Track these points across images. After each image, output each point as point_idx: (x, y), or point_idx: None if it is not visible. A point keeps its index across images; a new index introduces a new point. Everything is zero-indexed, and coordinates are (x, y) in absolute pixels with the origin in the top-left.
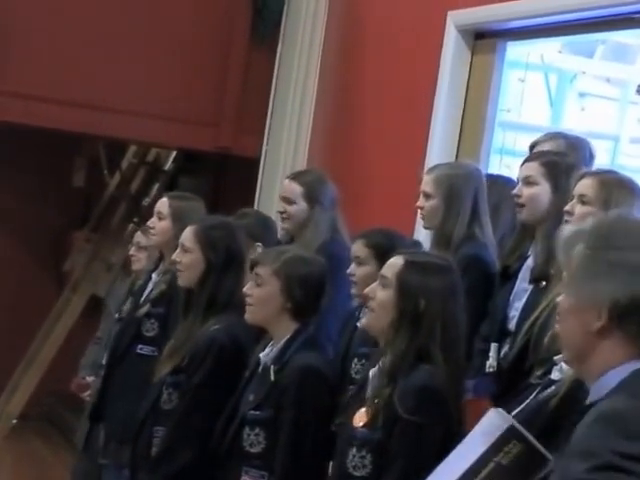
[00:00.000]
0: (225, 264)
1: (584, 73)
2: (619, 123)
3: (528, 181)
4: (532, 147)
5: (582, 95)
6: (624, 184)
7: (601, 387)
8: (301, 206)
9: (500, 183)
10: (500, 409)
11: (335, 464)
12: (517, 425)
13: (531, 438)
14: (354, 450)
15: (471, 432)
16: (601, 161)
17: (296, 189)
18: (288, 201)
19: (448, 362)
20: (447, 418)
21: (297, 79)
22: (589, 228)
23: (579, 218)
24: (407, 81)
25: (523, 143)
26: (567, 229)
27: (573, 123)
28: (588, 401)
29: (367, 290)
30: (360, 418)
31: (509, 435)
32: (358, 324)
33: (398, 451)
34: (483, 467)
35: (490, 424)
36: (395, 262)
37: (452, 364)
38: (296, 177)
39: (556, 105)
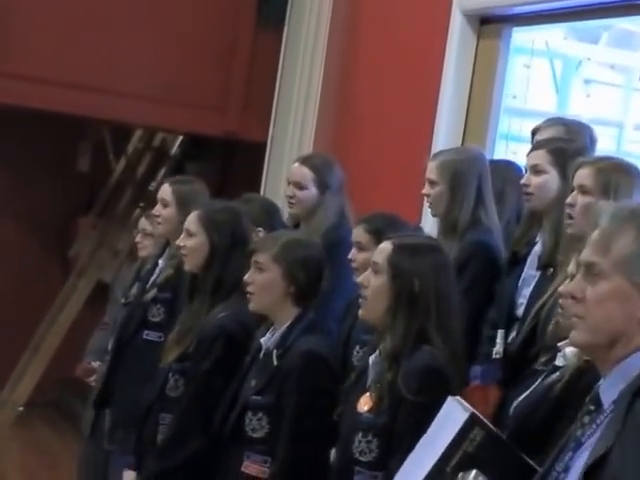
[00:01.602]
0: (230, 247)
1: (589, 59)
2: (624, 110)
3: (536, 170)
4: (533, 133)
5: (587, 82)
6: (621, 169)
7: (628, 367)
8: (312, 191)
9: (502, 167)
10: (458, 397)
11: (339, 451)
12: (477, 413)
13: (491, 426)
14: (360, 435)
15: (433, 422)
16: (606, 148)
17: (307, 174)
18: (299, 186)
19: (446, 341)
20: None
21: (303, 63)
22: (633, 212)
23: (581, 209)
24: (413, 66)
25: (529, 129)
26: (603, 211)
27: (579, 109)
28: (610, 380)
29: (360, 279)
30: (364, 403)
31: (471, 423)
32: (360, 312)
33: (404, 433)
34: (452, 457)
35: (451, 412)
36: (384, 247)
37: (450, 342)
38: (306, 161)
39: (562, 91)
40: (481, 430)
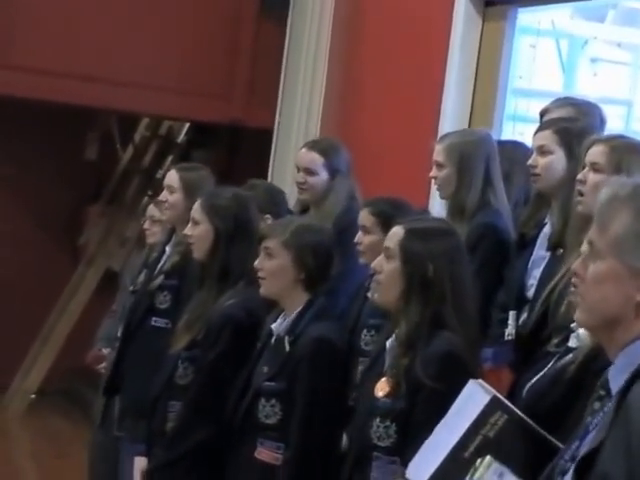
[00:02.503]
0: (234, 233)
1: (595, 38)
2: (632, 88)
3: (542, 150)
4: (542, 114)
5: (594, 60)
6: (635, 148)
7: (636, 352)
8: (322, 176)
9: (509, 148)
10: (480, 380)
11: (355, 437)
12: (499, 396)
13: (515, 409)
14: (377, 420)
15: (453, 405)
16: (614, 127)
17: (316, 159)
18: (309, 172)
19: (462, 325)
20: None
21: (308, 48)
22: (632, 192)
23: (592, 186)
24: (418, 49)
25: (536, 109)
26: (605, 190)
27: (586, 89)
28: (618, 366)
29: (373, 265)
30: (381, 388)
31: (493, 406)
32: (368, 294)
33: (423, 419)
34: (471, 441)
35: (472, 396)
36: (396, 232)
37: (466, 327)
38: (314, 146)
39: (568, 71)
40: (503, 414)
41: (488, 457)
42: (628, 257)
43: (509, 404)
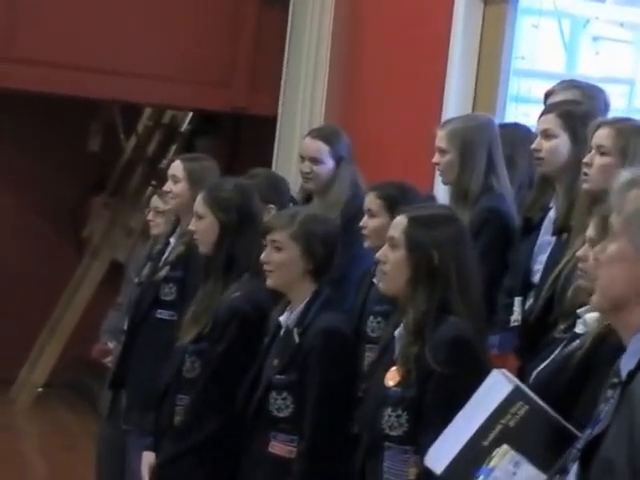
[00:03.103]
0: (238, 224)
1: (597, 18)
2: (634, 66)
3: (546, 134)
4: (547, 96)
5: (596, 39)
6: None
7: None
8: (328, 165)
9: (510, 131)
10: (504, 369)
11: (366, 427)
12: (522, 386)
13: (537, 399)
14: (389, 410)
15: (475, 393)
16: (617, 106)
17: (322, 147)
18: (316, 161)
19: (469, 310)
20: (480, 368)
21: (310, 35)
22: None
23: (598, 169)
24: (421, 33)
25: (539, 90)
26: (623, 175)
27: (588, 68)
28: (628, 352)
29: (378, 255)
30: (391, 377)
31: (514, 396)
32: (374, 280)
33: (435, 406)
34: (491, 430)
35: (494, 385)
36: (400, 221)
37: (473, 312)
38: (319, 134)
39: (570, 50)
40: (525, 404)
41: (505, 446)
42: (635, 238)
43: (532, 394)
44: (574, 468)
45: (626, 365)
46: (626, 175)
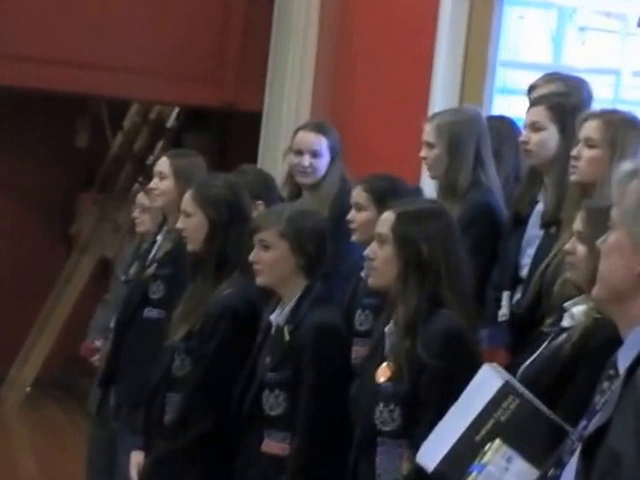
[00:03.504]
0: (229, 222)
1: (583, 8)
2: (620, 56)
3: (535, 127)
4: (530, 90)
5: (582, 29)
6: (629, 123)
7: None
8: (326, 158)
9: (496, 124)
10: (495, 364)
11: (359, 423)
12: (513, 380)
13: (528, 393)
14: (381, 406)
15: (466, 389)
16: (604, 96)
17: (322, 140)
18: (315, 154)
19: (460, 303)
20: (473, 360)
21: (297, 29)
22: None
23: (587, 162)
24: (408, 25)
25: (525, 81)
26: (624, 166)
27: (574, 58)
28: (626, 345)
29: (366, 252)
30: (382, 374)
31: (505, 391)
32: (362, 274)
33: (429, 400)
34: (483, 425)
35: (485, 380)
36: (387, 217)
37: (464, 305)
38: (319, 128)
39: (556, 41)
40: (516, 398)
41: (497, 441)
42: (633, 229)
43: (522, 389)
44: (573, 460)
45: (624, 357)
46: (626, 167)
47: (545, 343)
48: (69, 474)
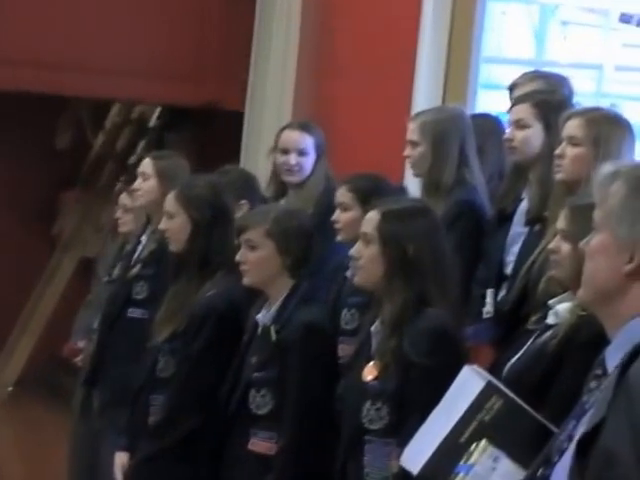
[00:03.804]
0: (212, 222)
1: (565, 3)
2: (603, 50)
3: (520, 124)
4: (511, 89)
5: (564, 23)
6: (612, 120)
7: (633, 330)
8: (312, 157)
9: (480, 122)
10: (475, 365)
11: (345, 424)
12: (494, 380)
13: (510, 393)
14: (368, 404)
15: (448, 392)
16: (586, 90)
17: (308, 139)
18: (302, 152)
19: (446, 301)
20: (460, 358)
21: (279, 28)
22: (631, 169)
23: (571, 160)
24: (391, 23)
25: (507, 77)
26: (605, 167)
27: (557, 53)
28: (614, 344)
29: (352, 251)
30: (369, 372)
31: (488, 391)
32: (347, 274)
33: (416, 398)
34: (467, 427)
35: (467, 382)
36: (372, 217)
37: (450, 303)
38: (305, 127)
39: (539, 36)
40: (499, 398)
41: (484, 441)
42: (617, 229)
43: (505, 389)
44: (563, 460)
45: (613, 356)
46: (608, 168)
47: (530, 340)
48: (53, 473)
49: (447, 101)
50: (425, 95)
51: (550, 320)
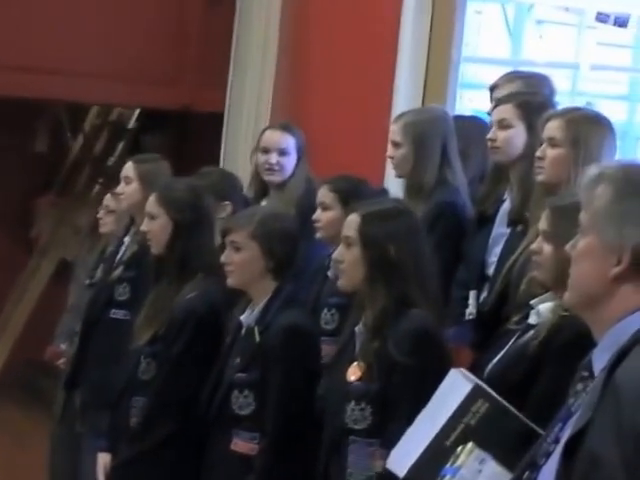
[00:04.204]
0: (192, 224)
1: (542, 3)
2: (578, 49)
3: (502, 124)
4: (492, 89)
5: (540, 22)
6: (591, 120)
7: (620, 333)
8: (293, 157)
9: (466, 124)
10: (462, 369)
11: (328, 424)
12: (481, 384)
13: (497, 396)
14: (352, 404)
15: (435, 395)
16: (563, 89)
17: (290, 139)
18: (283, 152)
19: (428, 302)
20: (443, 358)
21: (257, 30)
22: (616, 171)
23: (551, 162)
24: (370, 23)
25: (484, 76)
26: (590, 170)
27: (532, 52)
28: (601, 346)
29: (334, 255)
30: (353, 373)
31: (474, 395)
32: (328, 274)
33: (400, 398)
34: (453, 430)
35: (453, 385)
36: (352, 219)
37: (431, 304)
38: (286, 127)
39: (515, 35)
40: (485, 402)
41: (470, 444)
42: (604, 232)
43: (491, 392)
44: (550, 462)
45: (599, 359)
46: (593, 171)
47: (512, 340)
48: (32, 475)
49: (427, 101)
50: (405, 95)
51: (532, 320)
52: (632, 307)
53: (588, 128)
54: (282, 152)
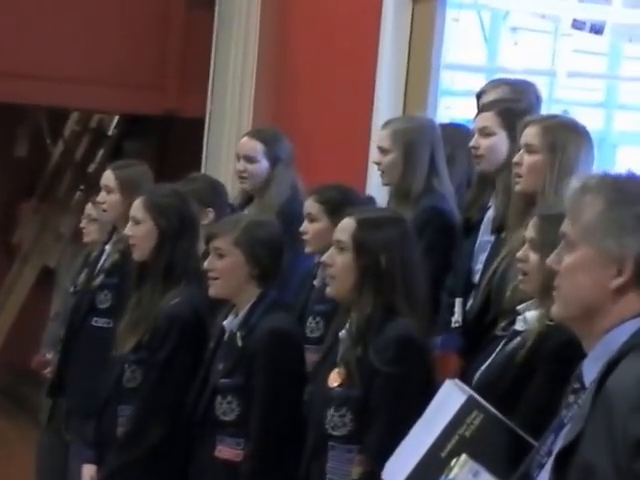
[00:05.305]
0: (178, 230)
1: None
2: (553, 56)
3: (485, 132)
4: (478, 96)
5: (514, 29)
6: (568, 127)
7: (610, 342)
8: (263, 164)
9: (451, 131)
10: (457, 380)
11: (310, 429)
12: (476, 395)
13: (491, 408)
14: (332, 410)
15: (430, 405)
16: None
17: (257, 146)
18: (249, 159)
19: (414, 311)
20: (426, 367)
21: (238, 36)
22: (602, 181)
23: (528, 168)
24: (351, 29)
25: (461, 83)
26: (572, 183)
27: (508, 59)
28: (591, 357)
29: (324, 258)
30: (334, 379)
31: (469, 406)
32: (315, 282)
33: (380, 405)
34: (447, 441)
35: (448, 396)
36: (347, 223)
37: (418, 313)
38: (255, 134)
39: (490, 42)
40: (480, 413)
41: (464, 456)
42: (601, 243)
43: (485, 403)
44: (543, 474)
45: (590, 370)
46: (576, 183)
47: (499, 347)
48: None
49: (408, 108)
50: (386, 103)
51: (518, 326)
52: (629, 316)
53: (566, 135)
54: (248, 159)
